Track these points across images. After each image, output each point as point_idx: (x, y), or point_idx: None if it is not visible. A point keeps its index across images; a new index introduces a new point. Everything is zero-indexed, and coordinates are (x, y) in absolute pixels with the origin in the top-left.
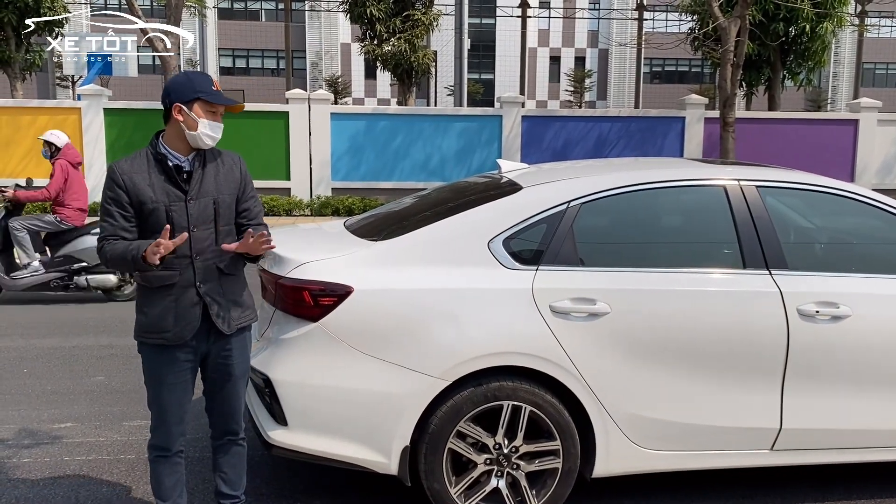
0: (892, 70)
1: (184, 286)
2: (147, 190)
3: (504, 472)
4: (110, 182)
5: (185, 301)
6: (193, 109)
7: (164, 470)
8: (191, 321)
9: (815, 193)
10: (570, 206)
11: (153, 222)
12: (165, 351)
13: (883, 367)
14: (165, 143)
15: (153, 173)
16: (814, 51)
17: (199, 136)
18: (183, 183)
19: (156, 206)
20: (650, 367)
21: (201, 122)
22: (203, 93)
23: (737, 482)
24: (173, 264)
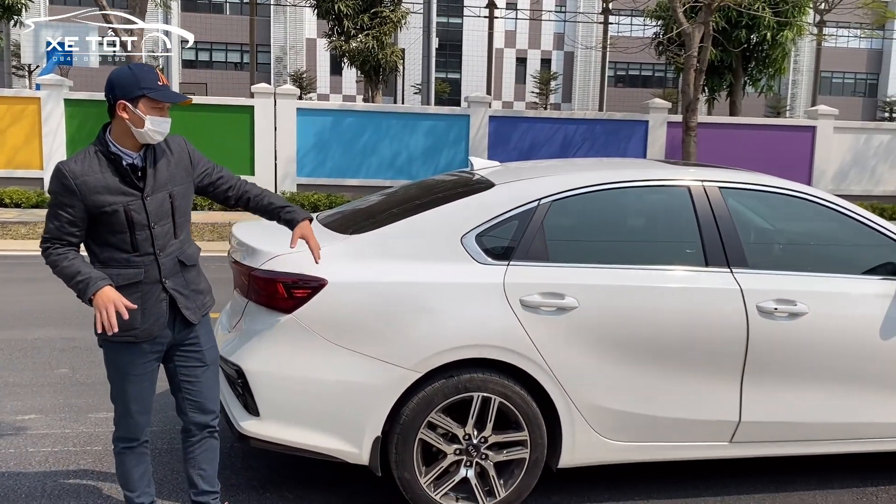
0: (848, 79)
1: (149, 283)
2: (103, 193)
3: (473, 462)
4: (60, 186)
5: (152, 297)
6: (139, 107)
7: (131, 461)
8: (159, 317)
9: (776, 195)
10: (540, 203)
11: (113, 223)
12: (132, 346)
13: (837, 362)
14: (114, 139)
15: (106, 174)
16: (774, 58)
17: (146, 133)
18: (138, 181)
19: (115, 209)
20: (616, 360)
21: (148, 119)
22: (148, 90)
23: (696, 473)
24: (137, 262)
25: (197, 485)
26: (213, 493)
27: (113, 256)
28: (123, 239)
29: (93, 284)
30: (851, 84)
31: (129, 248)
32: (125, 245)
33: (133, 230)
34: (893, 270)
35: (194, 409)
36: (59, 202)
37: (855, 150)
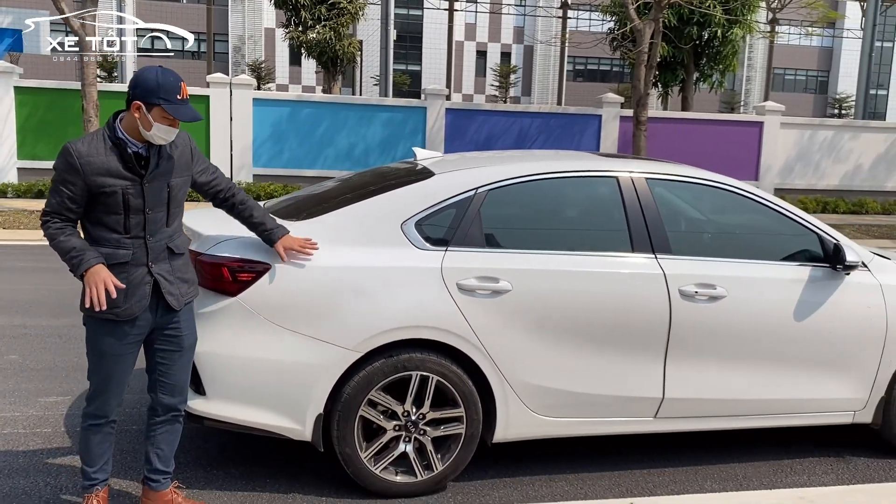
0: (800, 76)
1: (136, 265)
2: (105, 175)
3: (412, 437)
4: (65, 163)
5: (137, 278)
6: (152, 112)
7: (97, 438)
8: (141, 298)
9: (699, 186)
10: (477, 192)
11: (109, 204)
12: (115, 324)
13: (754, 342)
14: (123, 127)
15: (111, 157)
16: (725, 55)
17: (151, 136)
18: (140, 168)
19: (114, 191)
20: (547, 340)
21: (156, 126)
22: (165, 101)
23: (623, 447)
24: (127, 244)
25: (152, 462)
26: (166, 473)
27: (104, 236)
28: (117, 220)
29: (86, 261)
30: (803, 81)
31: (122, 229)
32: (118, 226)
33: (128, 213)
34: (809, 257)
35: (165, 391)
36: (62, 179)
37: (800, 146)
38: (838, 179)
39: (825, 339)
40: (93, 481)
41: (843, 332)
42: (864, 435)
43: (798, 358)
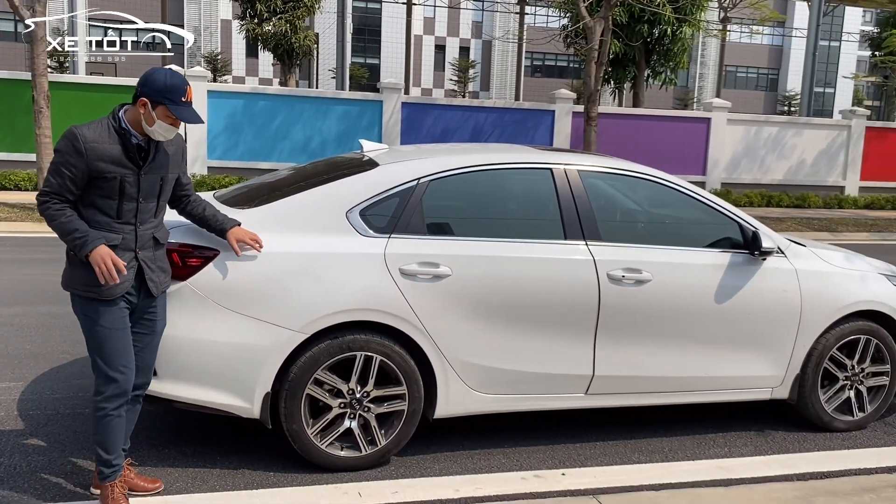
0: (751, 73)
1: (124, 249)
2: (106, 162)
3: (356, 414)
4: (70, 146)
5: (124, 262)
6: (156, 110)
7: (116, 423)
8: (125, 280)
9: (629, 178)
10: (419, 182)
11: (106, 189)
12: (112, 303)
13: (677, 323)
14: (127, 118)
15: (113, 146)
16: (675, 52)
17: (152, 132)
18: (139, 159)
19: (113, 177)
20: (484, 322)
21: (158, 123)
22: (170, 102)
23: (556, 423)
24: (118, 229)
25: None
26: (125, 450)
27: (96, 219)
28: (111, 205)
29: (91, 242)
30: (754, 78)
31: (114, 214)
32: (111, 211)
33: (122, 200)
34: (730, 244)
35: (137, 374)
36: (65, 161)
37: (746, 142)
38: (782, 174)
39: (744, 320)
40: (115, 468)
41: (761, 314)
42: (781, 410)
43: (719, 338)
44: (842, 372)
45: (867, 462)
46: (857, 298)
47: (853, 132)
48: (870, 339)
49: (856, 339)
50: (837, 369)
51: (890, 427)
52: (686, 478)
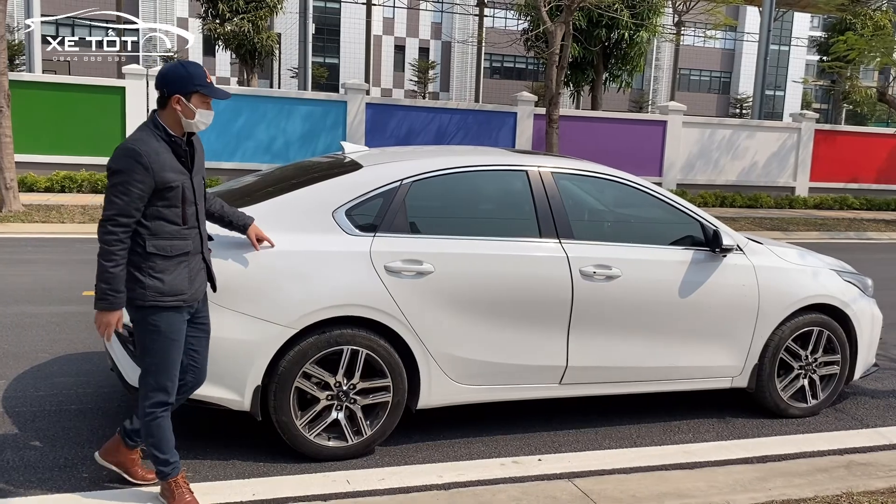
0: (704, 77)
1: (194, 253)
2: (168, 171)
3: (343, 406)
4: (134, 163)
5: (196, 266)
6: (192, 100)
7: (167, 423)
8: (201, 283)
9: (599, 179)
10: (402, 183)
11: (171, 198)
12: (177, 312)
13: (645, 316)
14: (166, 124)
15: (167, 154)
16: (632, 56)
17: (195, 124)
18: (189, 162)
19: (175, 185)
20: (465, 316)
21: (198, 112)
22: (201, 86)
23: (532, 412)
24: (186, 234)
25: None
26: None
27: (165, 228)
28: (176, 213)
29: (117, 305)
30: (707, 81)
31: (180, 221)
32: (177, 219)
33: (185, 205)
34: (692, 242)
35: (195, 374)
36: (131, 179)
37: (701, 144)
38: (736, 175)
39: (706, 313)
40: (173, 465)
41: (721, 308)
42: (741, 398)
43: (683, 330)
44: (796, 362)
45: (820, 445)
46: (811, 293)
47: (803, 135)
48: (822, 330)
49: (809, 330)
50: (792, 359)
51: (840, 413)
52: (654, 462)
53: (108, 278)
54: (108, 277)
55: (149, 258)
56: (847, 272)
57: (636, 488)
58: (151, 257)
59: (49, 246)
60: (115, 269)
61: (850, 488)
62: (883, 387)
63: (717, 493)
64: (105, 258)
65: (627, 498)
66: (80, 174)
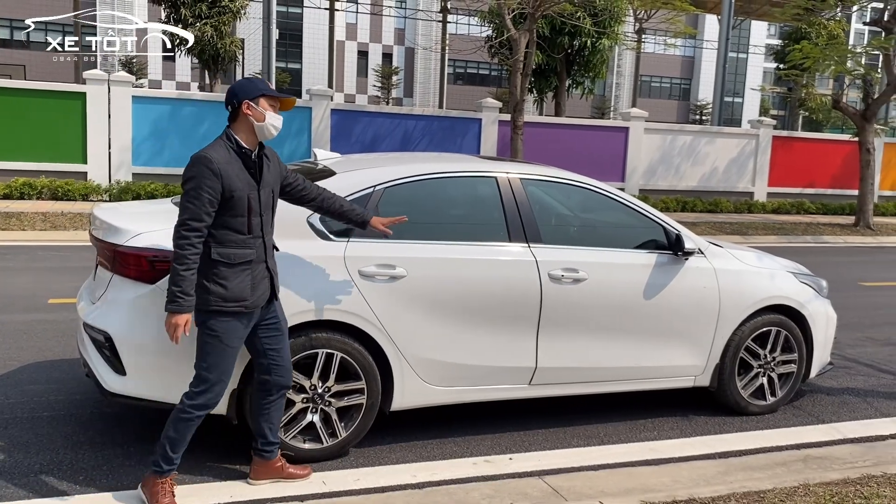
0: (665, 83)
1: (258, 262)
2: (236, 180)
3: (318, 408)
4: (205, 170)
5: (259, 274)
6: (260, 104)
7: (194, 426)
8: (264, 291)
9: (566, 185)
10: (375, 189)
11: (237, 207)
12: (239, 318)
13: (611, 318)
14: (238, 137)
15: (237, 165)
16: (594, 63)
17: (265, 127)
18: (258, 174)
19: (241, 194)
20: (437, 319)
21: (268, 115)
22: (266, 90)
23: (503, 412)
24: (251, 243)
25: (266, 436)
26: (276, 443)
27: (230, 237)
28: (242, 222)
29: (186, 308)
30: (668, 88)
31: (245, 230)
32: (242, 228)
33: (250, 215)
34: (656, 246)
35: (279, 373)
36: (202, 184)
37: (662, 150)
38: (696, 181)
39: (669, 314)
40: (174, 466)
41: (684, 309)
42: (703, 397)
43: (648, 331)
44: (756, 361)
45: (778, 440)
46: (769, 294)
47: (761, 141)
48: (780, 330)
49: (768, 330)
50: (752, 358)
51: (798, 409)
52: (620, 459)
53: (178, 281)
54: (178, 280)
55: (213, 265)
56: (803, 274)
57: (604, 484)
58: (216, 264)
59: (10, 254)
60: (187, 273)
61: (806, 480)
62: (838, 384)
63: (682, 487)
64: (178, 262)
65: (596, 493)
66: (40, 181)
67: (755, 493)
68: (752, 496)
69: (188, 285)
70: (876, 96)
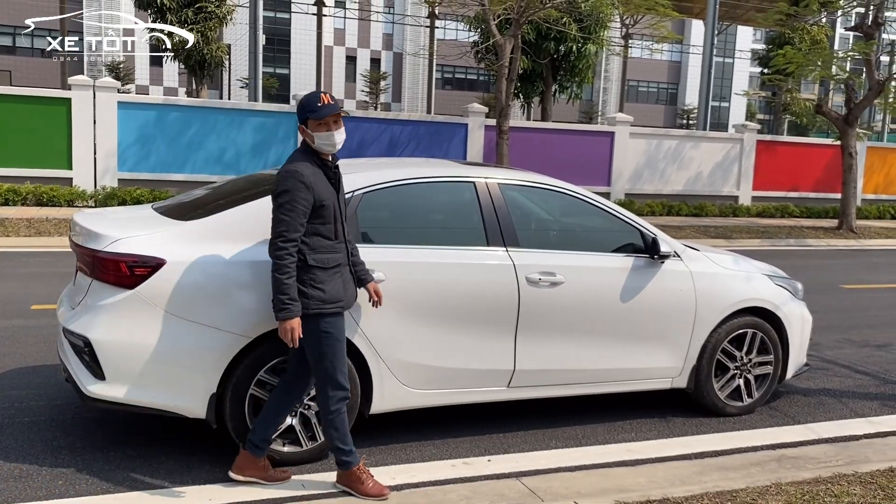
0: (652, 88)
1: (344, 264)
2: (323, 190)
3: (297, 412)
4: (297, 183)
5: (347, 276)
6: (310, 126)
7: (345, 416)
8: (352, 291)
9: (543, 190)
10: (354, 194)
11: (325, 215)
12: (339, 316)
13: (589, 321)
14: (314, 150)
15: (321, 176)
16: (580, 68)
17: (319, 147)
18: (336, 184)
19: (329, 203)
20: (417, 323)
21: (318, 136)
22: (311, 113)
23: (482, 415)
24: (339, 248)
25: (263, 432)
26: (270, 443)
27: (321, 243)
28: (330, 229)
29: (294, 312)
30: (655, 93)
31: (333, 236)
32: (330, 234)
33: (336, 222)
34: (633, 249)
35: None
36: (296, 197)
37: (648, 154)
38: (682, 185)
39: (646, 317)
40: (355, 456)
41: (660, 312)
42: (680, 398)
43: (625, 333)
44: (732, 362)
45: (754, 441)
46: (744, 296)
47: (745, 145)
48: (756, 332)
49: (744, 332)
50: (729, 360)
51: (774, 410)
52: (598, 460)
53: (284, 289)
54: (283, 288)
55: (310, 270)
56: (778, 276)
57: (580, 485)
58: (312, 269)
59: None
60: (290, 280)
61: (779, 479)
62: (815, 385)
63: (657, 487)
64: (279, 272)
65: (572, 494)
66: (25, 187)
67: (728, 492)
68: (724, 495)
69: (293, 291)
70: (858, 100)
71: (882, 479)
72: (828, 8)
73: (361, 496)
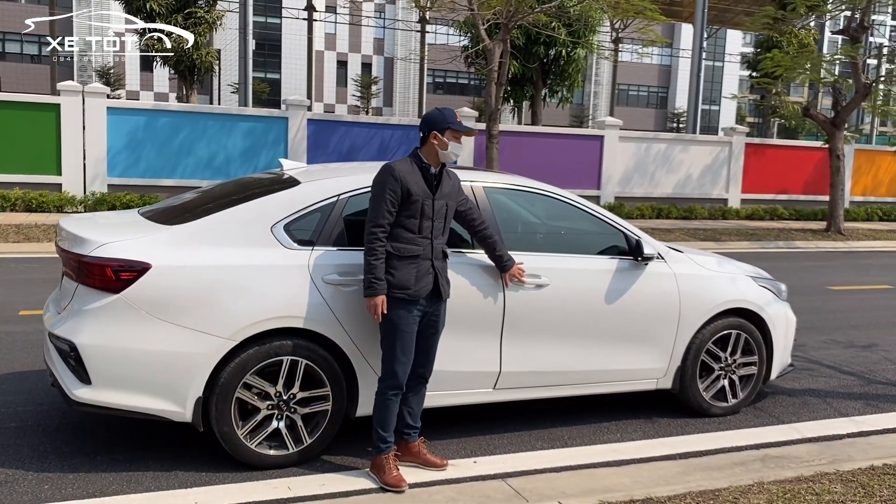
0: (642, 92)
1: (424, 258)
2: (414, 186)
3: (283, 415)
4: (389, 177)
5: (423, 269)
6: (445, 135)
7: (394, 407)
8: (426, 284)
9: (528, 193)
10: (339, 198)
11: (412, 210)
12: (405, 305)
13: (574, 323)
14: (423, 156)
15: (417, 176)
16: (570, 72)
17: (448, 154)
18: (434, 187)
19: (417, 199)
20: None
21: (451, 145)
22: (452, 124)
23: (468, 416)
24: (419, 242)
25: (404, 418)
26: (415, 427)
27: (402, 235)
28: (414, 223)
29: (379, 290)
30: (645, 96)
31: (416, 230)
32: (413, 228)
33: (422, 218)
34: (617, 251)
35: (422, 364)
36: (387, 188)
37: (637, 157)
38: (671, 188)
39: (631, 318)
40: (388, 444)
41: (645, 313)
42: (665, 399)
43: (610, 335)
44: (717, 363)
45: (738, 441)
46: (728, 297)
47: (734, 148)
48: (740, 333)
49: (728, 333)
50: (713, 361)
51: (759, 410)
52: (583, 460)
53: (371, 269)
54: (371, 269)
55: (390, 256)
56: (762, 278)
57: (565, 486)
58: (389, 255)
59: None
60: (377, 262)
61: (762, 479)
62: (799, 385)
63: (641, 487)
64: (369, 254)
65: (556, 494)
66: (14, 192)
67: (711, 491)
68: (707, 495)
69: (379, 272)
70: (846, 104)
71: (863, 477)
72: (815, 11)
73: (380, 483)
